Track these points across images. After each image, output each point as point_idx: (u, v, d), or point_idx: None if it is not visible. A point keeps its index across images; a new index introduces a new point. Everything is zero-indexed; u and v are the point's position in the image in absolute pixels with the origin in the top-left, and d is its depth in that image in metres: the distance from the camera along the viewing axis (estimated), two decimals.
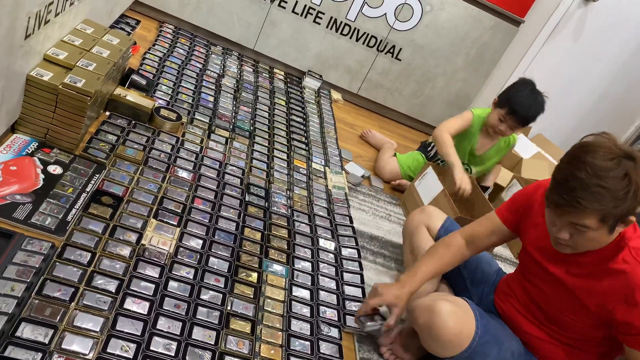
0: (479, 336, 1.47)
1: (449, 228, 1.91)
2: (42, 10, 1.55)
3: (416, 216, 1.99)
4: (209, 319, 1.45)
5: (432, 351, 1.53)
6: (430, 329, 1.47)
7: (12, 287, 1.25)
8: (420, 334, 1.53)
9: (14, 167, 1.58)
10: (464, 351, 1.47)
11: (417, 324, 1.53)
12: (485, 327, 1.50)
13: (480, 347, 1.48)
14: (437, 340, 1.48)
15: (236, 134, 2.37)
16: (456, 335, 1.46)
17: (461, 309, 1.50)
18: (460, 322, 1.47)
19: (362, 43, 3.24)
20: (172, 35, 2.98)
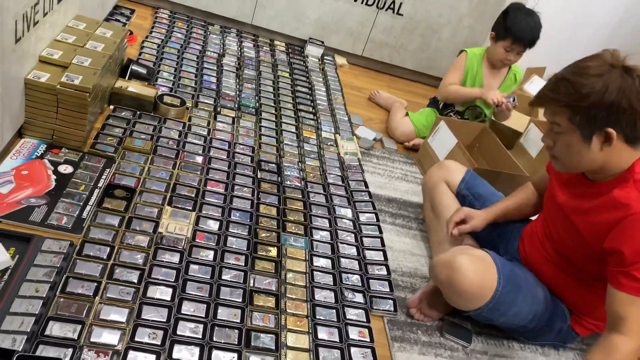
0: (501, 286, 1.46)
1: (470, 181, 1.88)
2: (29, 12, 1.54)
3: (434, 172, 1.95)
4: (233, 297, 1.46)
5: (457, 305, 1.53)
6: (451, 284, 1.46)
7: (37, 288, 1.28)
8: (443, 289, 1.53)
9: (25, 172, 1.61)
10: (488, 302, 1.46)
11: (438, 280, 1.53)
12: (508, 277, 1.49)
13: (505, 297, 1.47)
14: (459, 294, 1.47)
15: (242, 112, 2.35)
16: (478, 287, 1.45)
17: (481, 260, 1.49)
18: (480, 273, 1.45)
19: (361, 2, 3.15)
20: (168, 20, 2.95)
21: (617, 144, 1.28)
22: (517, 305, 1.49)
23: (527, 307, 1.51)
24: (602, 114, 1.25)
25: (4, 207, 1.47)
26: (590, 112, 1.25)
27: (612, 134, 1.26)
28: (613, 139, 1.27)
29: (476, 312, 1.51)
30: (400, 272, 1.79)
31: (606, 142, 1.28)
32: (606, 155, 1.31)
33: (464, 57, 2.59)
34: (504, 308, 1.48)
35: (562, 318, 1.56)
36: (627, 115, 1.24)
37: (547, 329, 1.57)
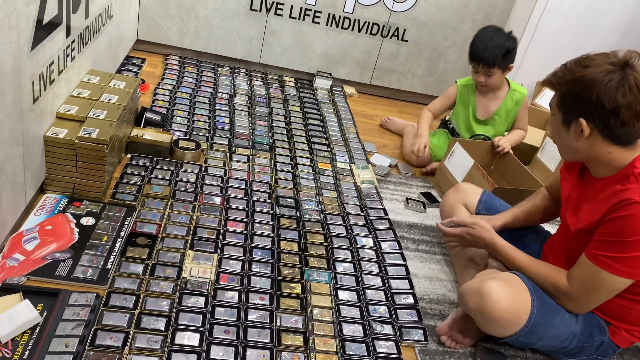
0: (536, 308, 1.42)
1: (487, 201, 1.86)
2: (45, 72, 1.59)
3: (451, 196, 1.94)
4: (260, 338, 1.45)
5: (492, 333, 1.49)
6: (483, 312, 1.42)
7: (67, 343, 1.29)
8: (475, 318, 1.49)
9: (49, 227, 1.63)
10: (524, 326, 1.42)
11: (469, 309, 1.49)
12: (542, 298, 1.45)
13: (541, 319, 1.43)
14: (492, 322, 1.43)
15: (257, 149, 2.38)
16: (512, 313, 1.41)
17: (512, 283, 1.45)
18: (512, 297, 1.41)
19: (365, 33, 3.20)
20: (178, 66, 3.03)
21: (595, 138, 1.33)
22: (555, 326, 1.44)
23: (565, 327, 1.46)
24: (580, 104, 1.31)
25: (30, 264, 1.49)
26: (572, 99, 1.32)
27: (582, 125, 1.32)
28: (584, 130, 1.32)
29: (513, 338, 1.46)
30: (427, 300, 1.76)
31: (581, 132, 1.33)
32: (587, 146, 1.36)
33: (454, 87, 2.63)
34: (542, 331, 1.44)
35: (600, 332, 1.51)
36: (599, 112, 1.28)
37: (587, 345, 1.52)
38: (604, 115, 1.28)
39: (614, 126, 1.29)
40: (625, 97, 1.25)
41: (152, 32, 3.05)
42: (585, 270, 1.39)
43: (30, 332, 1.30)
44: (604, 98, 1.26)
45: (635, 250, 1.30)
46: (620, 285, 1.36)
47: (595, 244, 1.36)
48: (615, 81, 1.25)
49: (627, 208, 1.28)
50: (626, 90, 1.24)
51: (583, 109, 1.31)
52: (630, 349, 1.75)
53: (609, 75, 1.26)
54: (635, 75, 1.25)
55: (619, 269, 1.33)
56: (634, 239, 1.28)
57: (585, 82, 1.28)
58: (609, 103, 1.26)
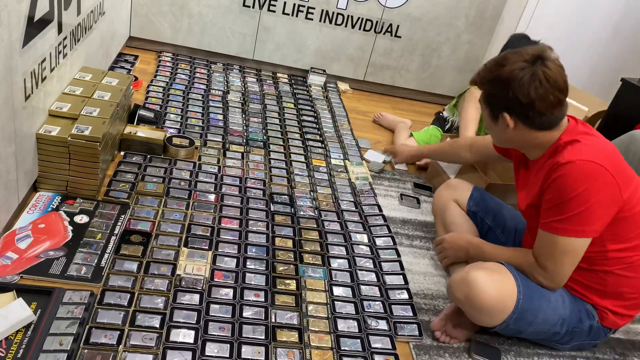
0: (522, 294, 1.44)
1: (478, 197, 1.88)
2: (37, 69, 1.58)
3: (442, 192, 1.96)
4: (255, 335, 1.45)
5: (481, 322, 1.51)
6: (470, 301, 1.45)
7: (60, 341, 1.28)
8: (464, 309, 1.51)
9: (42, 225, 1.62)
10: (512, 313, 1.44)
11: (457, 299, 1.51)
12: (527, 283, 1.47)
13: (528, 304, 1.45)
14: (480, 310, 1.45)
15: (251, 146, 2.37)
16: (498, 299, 1.43)
17: (497, 272, 1.47)
18: (498, 285, 1.44)
19: (358, 29, 3.19)
20: (171, 62, 3.01)
21: (521, 128, 1.44)
22: (543, 310, 1.46)
23: (553, 311, 1.48)
24: (501, 101, 1.43)
25: (23, 263, 1.48)
26: (494, 96, 1.45)
27: (507, 119, 1.43)
28: (509, 124, 1.43)
29: (503, 326, 1.48)
30: (422, 295, 1.77)
31: (507, 125, 1.44)
32: (516, 135, 1.47)
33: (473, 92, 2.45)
34: (530, 316, 1.46)
35: (589, 316, 1.53)
36: (518, 107, 1.40)
37: (577, 330, 1.54)
38: (522, 109, 1.40)
39: (534, 117, 1.40)
40: (537, 91, 1.36)
41: (145, 29, 3.03)
42: (543, 241, 1.45)
43: (24, 330, 1.29)
44: (519, 94, 1.37)
45: (577, 207, 1.36)
46: (578, 246, 1.41)
47: (543, 213, 1.44)
48: (527, 77, 1.36)
49: (558, 170, 1.38)
50: (537, 84, 1.35)
51: (504, 105, 1.42)
52: (623, 341, 1.77)
53: (521, 72, 1.36)
54: (545, 70, 1.35)
55: (570, 229, 1.39)
56: (572, 196, 1.36)
57: (502, 80, 1.39)
58: (524, 98, 1.37)
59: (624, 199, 1.38)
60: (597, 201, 1.35)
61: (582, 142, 1.40)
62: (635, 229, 1.44)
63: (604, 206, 1.37)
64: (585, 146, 1.39)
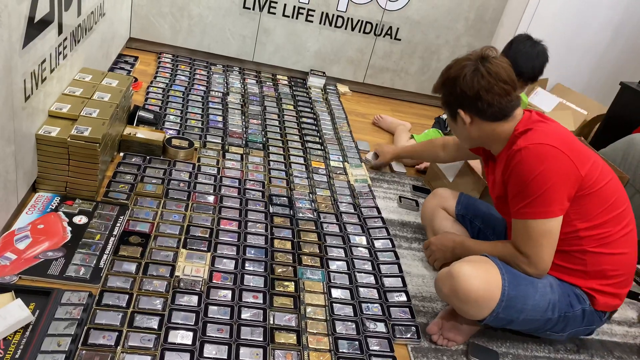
0: (507, 281, 1.45)
1: (465, 201, 1.92)
2: (37, 70, 1.58)
3: (430, 202, 2.01)
4: (254, 337, 1.45)
5: (470, 315, 1.50)
6: (456, 293, 1.46)
7: (59, 342, 1.28)
8: (451, 303, 1.53)
9: (41, 226, 1.62)
10: (500, 302, 1.44)
11: (444, 295, 1.53)
12: (512, 271, 1.49)
13: (514, 291, 1.46)
14: (468, 303, 1.46)
15: (250, 148, 2.38)
16: (484, 289, 1.44)
17: (480, 263, 1.49)
18: (483, 275, 1.45)
19: (358, 31, 3.20)
20: (171, 64, 3.02)
21: (477, 122, 1.55)
22: (530, 296, 1.47)
23: (542, 296, 1.48)
24: (454, 99, 1.54)
25: (22, 263, 1.48)
26: (448, 96, 1.57)
27: (462, 114, 1.54)
28: (465, 119, 1.54)
29: (492, 317, 1.47)
30: (420, 298, 1.77)
31: (464, 121, 1.54)
32: (476, 130, 1.56)
33: None
34: (519, 303, 1.46)
35: (580, 300, 1.53)
36: (467, 101, 1.51)
37: (570, 315, 1.53)
38: (471, 102, 1.50)
39: (483, 108, 1.50)
40: (479, 83, 1.47)
41: (145, 30, 3.04)
42: (517, 229, 1.50)
43: (22, 331, 1.29)
44: (465, 88, 1.49)
45: (537, 189, 1.42)
46: (550, 226, 1.45)
47: (511, 202, 1.51)
48: (469, 72, 1.48)
49: (514, 157, 1.46)
50: (479, 77, 1.47)
51: (457, 102, 1.54)
52: (620, 345, 1.77)
53: (465, 69, 1.49)
54: (487, 65, 1.47)
55: (537, 211, 1.44)
56: (531, 179, 1.42)
57: (450, 79, 1.53)
58: (470, 91, 1.49)
59: (582, 175, 1.43)
60: (557, 180, 1.41)
61: (534, 129, 1.48)
62: (600, 206, 1.47)
63: (564, 183, 1.42)
64: (537, 132, 1.47)
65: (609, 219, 1.48)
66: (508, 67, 1.49)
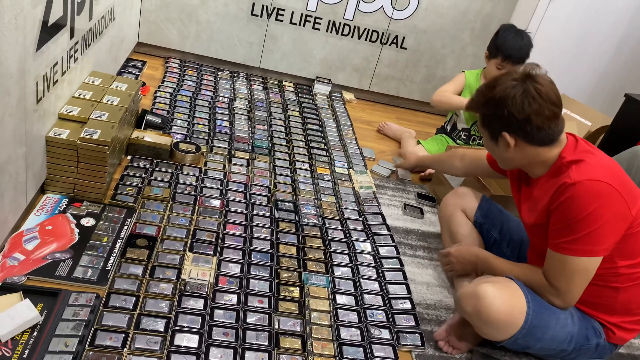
0: (532, 310, 1.44)
1: (485, 208, 1.88)
2: (48, 73, 1.60)
3: (450, 200, 1.96)
4: (259, 341, 1.46)
5: (489, 337, 1.50)
6: (479, 315, 1.44)
7: (66, 343, 1.29)
8: (472, 322, 1.50)
9: (49, 227, 1.64)
10: (521, 329, 1.44)
11: (466, 313, 1.51)
12: (537, 300, 1.47)
13: (538, 320, 1.45)
14: (489, 324, 1.45)
15: (256, 153, 2.39)
16: (508, 314, 1.43)
17: (507, 286, 1.47)
18: (508, 300, 1.44)
19: (364, 39, 3.22)
20: (179, 69, 3.04)
21: (521, 146, 1.46)
22: (551, 327, 1.46)
23: (562, 328, 1.48)
24: (498, 121, 1.44)
25: (30, 264, 1.49)
26: (491, 117, 1.47)
27: (506, 137, 1.44)
28: (509, 142, 1.45)
29: (511, 341, 1.47)
30: (424, 305, 1.77)
31: (508, 144, 1.45)
32: (518, 154, 1.48)
33: (462, 76, 2.68)
34: (539, 332, 1.46)
35: (596, 334, 1.53)
36: (515, 124, 1.41)
37: (584, 348, 1.53)
38: (520, 125, 1.41)
39: (532, 132, 1.41)
40: (531, 106, 1.38)
41: (153, 35, 3.06)
42: (553, 262, 1.46)
43: (30, 331, 1.30)
44: (514, 111, 1.39)
45: (586, 227, 1.37)
46: (589, 265, 1.41)
47: (552, 234, 1.45)
48: (519, 94, 1.39)
49: (565, 191, 1.39)
50: (530, 100, 1.38)
51: (502, 124, 1.44)
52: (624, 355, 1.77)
53: (513, 90, 1.39)
54: (535, 85, 1.38)
55: (580, 249, 1.39)
56: (581, 217, 1.36)
57: (496, 100, 1.42)
58: (519, 114, 1.39)
59: (633, 215, 1.39)
60: (607, 220, 1.36)
61: (586, 161, 1.41)
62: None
63: (614, 224, 1.37)
64: (590, 165, 1.40)
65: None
66: (555, 87, 1.41)
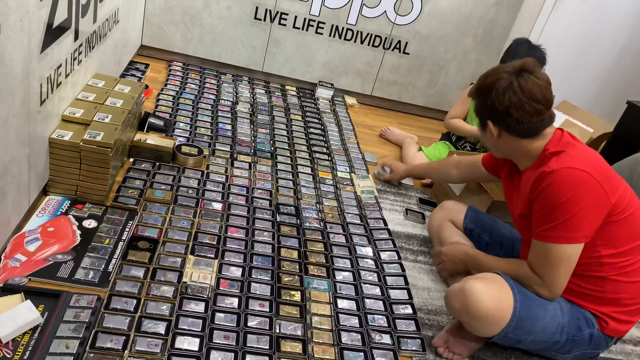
0: (519, 302, 1.45)
1: (473, 215, 1.92)
2: (53, 74, 1.61)
3: (437, 214, 2.01)
4: (260, 345, 1.46)
5: (479, 332, 1.51)
6: (467, 311, 1.45)
7: (67, 344, 1.29)
8: (461, 319, 1.52)
9: (51, 228, 1.64)
10: (510, 322, 1.45)
11: (454, 310, 1.53)
12: (524, 293, 1.48)
13: (525, 312, 1.45)
14: (478, 319, 1.46)
15: (258, 157, 2.39)
16: (495, 308, 1.44)
17: (493, 281, 1.49)
18: (495, 294, 1.45)
19: (367, 44, 3.23)
20: (181, 72, 3.05)
21: (505, 136, 1.50)
22: (540, 318, 1.47)
23: (552, 319, 1.48)
24: (485, 109, 1.50)
25: (32, 265, 1.49)
26: (479, 105, 1.51)
27: (490, 126, 1.50)
28: (493, 131, 1.50)
29: (501, 335, 1.48)
30: (426, 310, 1.77)
31: (492, 133, 1.50)
32: (503, 143, 1.53)
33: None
34: (529, 324, 1.46)
35: (588, 324, 1.53)
36: (496, 114, 1.46)
37: (577, 339, 1.53)
38: (500, 116, 1.47)
39: (512, 124, 1.46)
40: (510, 99, 1.42)
41: (157, 38, 3.07)
42: (536, 251, 1.48)
43: (31, 332, 1.30)
44: (495, 102, 1.45)
45: (564, 214, 1.40)
46: (570, 252, 1.43)
47: (534, 222, 1.48)
48: (503, 86, 1.43)
49: (544, 179, 1.42)
50: (511, 93, 1.42)
51: (487, 113, 1.50)
52: None
53: (499, 81, 1.44)
54: (521, 81, 1.42)
55: (560, 235, 1.42)
56: (560, 203, 1.39)
57: (483, 89, 1.48)
58: (499, 105, 1.44)
59: (612, 202, 1.42)
60: (585, 206, 1.39)
61: (566, 151, 1.45)
62: (626, 233, 1.47)
63: (593, 211, 1.40)
64: (570, 155, 1.44)
65: (634, 247, 1.48)
66: (545, 85, 1.43)
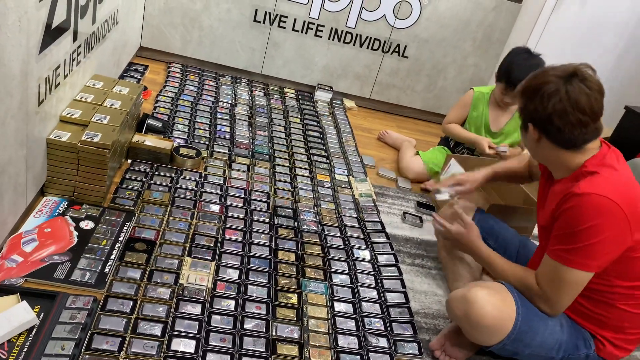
0: (521, 316, 1.44)
1: (481, 218, 1.89)
2: (51, 75, 1.61)
3: (446, 212, 1.96)
4: (256, 347, 1.45)
5: (478, 341, 1.50)
6: (468, 318, 1.45)
7: (62, 346, 1.29)
8: (461, 325, 1.52)
9: (48, 229, 1.64)
10: (510, 333, 1.44)
11: (455, 316, 1.52)
12: (527, 306, 1.48)
13: (526, 326, 1.45)
14: (478, 328, 1.45)
15: (256, 159, 2.39)
16: (497, 318, 1.43)
17: (497, 291, 1.48)
18: (498, 305, 1.44)
19: (366, 47, 3.23)
20: (180, 73, 3.05)
21: (545, 143, 1.44)
22: (540, 334, 1.46)
23: (551, 334, 1.48)
24: (528, 111, 1.43)
25: (28, 266, 1.49)
26: (524, 106, 1.45)
27: (531, 129, 1.44)
28: (533, 135, 1.44)
29: (499, 346, 1.48)
30: (423, 314, 1.77)
31: (533, 137, 1.45)
32: (542, 149, 1.47)
33: (470, 95, 2.61)
34: (528, 338, 1.46)
35: (586, 344, 1.52)
36: (538, 119, 1.41)
37: (573, 357, 1.53)
38: (542, 122, 1.41)
39: (552, 132, 1.40)
40: (554, 107, 1.36)
41: (156, 40, 3.07)
42: (547, 267, 1.45)
43: (26, 333, 1.30)
44: (539, 106, 1.39)
45: (584, 240, 1.35)
46: (580, 278, 1.40)
47: (552, 239, 1.44)
48: (549, 91, 1.37)
49: (571, 200, 1.37)
50: (556, 100, 1.35)
51: (530, 116, 1.44)
52: None
53: (547, 85, 1.37)
54: (569, 88, 1.35)
55: (574, 260, 1.38)
56: (580, 229, 1.35)
57: (529, 90, 1.42)
58: (542, 110, 1.38)
59: (634, 239, 1.37)
60: (606, 238, 1.34)
61: (602, 174, 1.38)
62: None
63: (612, 243, 1.36)
64: (604, 179, 1.37)
65: None
66: (594, 96, 1.35)
